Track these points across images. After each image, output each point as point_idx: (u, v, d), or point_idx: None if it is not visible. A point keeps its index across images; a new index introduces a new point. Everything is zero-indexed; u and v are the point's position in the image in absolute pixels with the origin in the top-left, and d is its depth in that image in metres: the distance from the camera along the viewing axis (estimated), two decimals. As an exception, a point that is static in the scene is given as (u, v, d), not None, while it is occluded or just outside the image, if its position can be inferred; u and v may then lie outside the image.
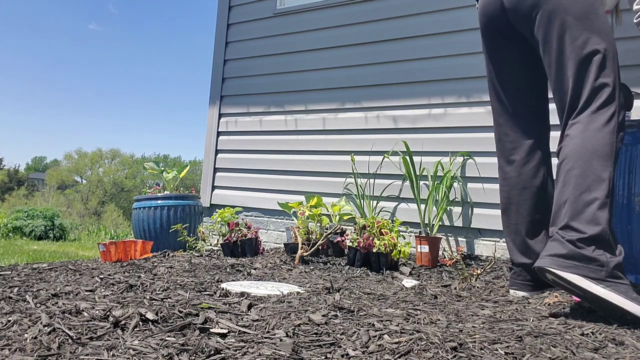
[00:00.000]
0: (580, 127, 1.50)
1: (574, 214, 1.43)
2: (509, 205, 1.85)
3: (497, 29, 1.81)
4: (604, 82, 1.50)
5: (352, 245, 2.39)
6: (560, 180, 1.52)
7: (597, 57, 1.51)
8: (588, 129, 1.48)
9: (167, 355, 0.94)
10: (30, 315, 1.19)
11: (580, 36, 1.53)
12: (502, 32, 1.80)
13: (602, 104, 1.49)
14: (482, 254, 2.90)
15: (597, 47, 1.51)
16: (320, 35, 3.63)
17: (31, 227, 9.38)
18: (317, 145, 3.56)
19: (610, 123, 1.47)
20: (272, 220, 3.69)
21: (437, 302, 1.58)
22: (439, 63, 3.14)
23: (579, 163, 1.47)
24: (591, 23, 1.54)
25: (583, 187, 1.44)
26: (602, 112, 1.48)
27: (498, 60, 1.86)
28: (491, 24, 1.82)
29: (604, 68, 1.50)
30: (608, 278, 1.34)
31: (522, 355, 1.00)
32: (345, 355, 0.98)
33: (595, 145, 1.46)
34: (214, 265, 2.20)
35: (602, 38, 1.52)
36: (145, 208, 3.29)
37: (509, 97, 1.85)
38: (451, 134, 3.06)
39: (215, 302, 1.37)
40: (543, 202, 1.78)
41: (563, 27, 1.56)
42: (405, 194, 3.15)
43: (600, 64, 1.50)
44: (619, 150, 1.49)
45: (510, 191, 1.84)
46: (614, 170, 1.46)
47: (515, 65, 1.83)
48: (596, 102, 1.50)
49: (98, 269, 2.03)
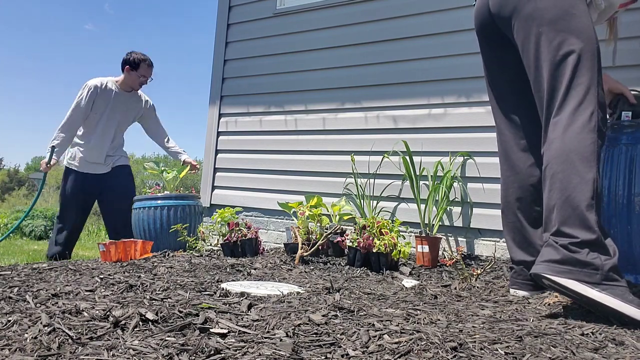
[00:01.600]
0: (560, 129, 1.50)
1: (564, 219, 1.42)
2: (507, 203, 1.86)
3: (488, 33, 1.84)
4: (580, 81, 1.49)
5: (352, 245, 2.39)
6: (546, 185, 1.51)
7: (572, 57, 1.51)
8: (568, 131, 1.48)
9: (167, 355, 0.94)
10: (30, 315, 1.19)
11: (556, 38, 1.54)
12: (492, 36, 1.82)
13: (579, 103, 1.48)
14: (482, 254, 2.90)
15: (572, 48, 1.51)
16: (320, 35, 3.63)
17: (31, 227, 9.38)
18: (317, 145, 3.56)
19: (590, 122, 1.46)
20: (272, 220, 3.69)
21: (437, 302, 1.58)
22: (439, 63, 3.14)
23: (562, 167, 1.46)
24: (567, 24, 1.54)
25: (569, 191, 1.43)
26: (580, 112, 1.47)
27: (492, 63, 1.89)
28: (483, 29, 1.85)
29: (579, 68, 1.50)
30: (603, 281, 1.33)
31: (522, 355, 1.00)
32: (345, 355, 0.98)
33: (576, 147, 1.45)
34: (214, 265, 2.20)
35: (578, 38, 1.52)
36: (145, 208, 3.29)
37: (505, 99, 1.87)
38: (451, 134, 3.06)
39: (215, 302, 1.37)
40: (541, 200, 1.78)
41: (539, 30, 1.57)
42: (405, 194, 3.15)
43: (575, 64, 1.50)
44: (600, 149, 1.47)
45: (508, 190, 1.85)
46: (598, 170, 1.45)
47: (509, 68, 1.84)
48: (573, 102, 1.49)
49: (98, 269, 2.03)
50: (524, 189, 1.81)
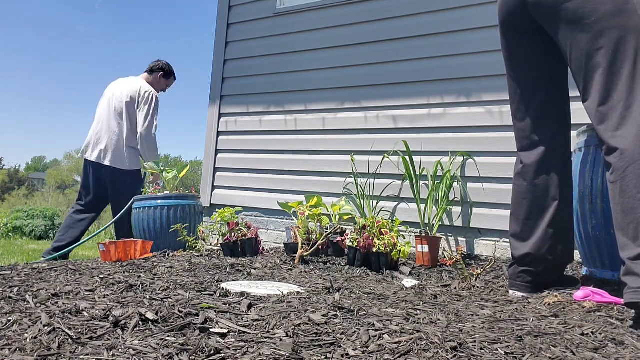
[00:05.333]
0: (634, 127, 1.40)
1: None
2: (520, 198, 1.83)
3: (517, 23, 1.76)
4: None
5: (352, 245, 2.39)
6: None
7: (630, 49, 1.45)
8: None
9: (167, 355, 0.94)
10: (30, 315, 1.19)
11: (613, 32, 1.49)
12: (522, 25, 1.75)
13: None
14: (482, 253, 2.90)
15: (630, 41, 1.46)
16: (320, 35, 3.63)
17: (31, 227, 9.38)
18: (317, 145, 3.56)
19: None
20: (272, 220, 3.69)
21: (437, 302, 1.58)
22: (439, 63, 3.14)
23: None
24: (624, 19, 1.48)
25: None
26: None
27: (515, 55, 1.82)
28: (510, 18, 1.77)
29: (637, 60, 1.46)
30: None
31: (522, 355, 1.00)
32: (345, 355, 0.98)
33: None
34: (214, 265, 2.20)
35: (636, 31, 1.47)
36: (145, 208, 3.29)
37: (526, 94, 1.81)
38: (451, 134, 3.06)
39: (215, 302, 1.37)
40: (547, 198, 1.77)
41: (598, 25, 1.51)
42: (405, 193, 3.15)
43: (635, 57, 1.45)
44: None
45: (522, 183, 1.82)
46: None
47: (533, 62, 1.79)
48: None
49: (98, 269, 2.03)
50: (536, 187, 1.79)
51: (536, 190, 1.78)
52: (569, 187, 1.81)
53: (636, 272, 1.31)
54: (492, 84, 2.94)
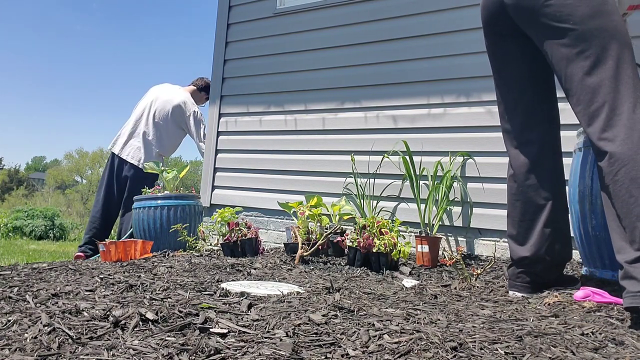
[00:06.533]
0: (622, 130, 1.40)
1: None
2: (513, 200, 1.83)
3: (497, 25, 1.77)
4: (626, 78, 1.44)
5: (352, 245, 2.39)
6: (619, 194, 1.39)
7: (612, 55, 1.46)
8: (635, 131, 1.38)
9: (167, 355, 0.94)
10: (30, 315, 1.19)
11: (593, 36, 1.49)
12: (502, 28, 1.76)
13: (635, 102, 1.42)
14: (482, 253, 2.90)
15: (610, 46, 1.46)
16: (320, 35, 3.63)
17: (31, 226, 9.38)
18: (317, 145, 3.56)
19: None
20: (272, 220, 3.69)
21: (437, 302, 1.58)
22: (439, 63, 3.14)
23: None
24: (602, 21, 1.49)
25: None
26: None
27: (500, 57, 1.83)
28: (491, 19, 1.78)
29: (621, 66, 1.46)
30: None
31: (522, 355, 1.00)
32: (345, 355, 0.98)
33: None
34: (214, 265, 2.20)
35: (615, 35, 1.47)
36: (145, 208, 3.29)
37: (512, 95, 1.82)
38: (451, 134, 3.06)
39: (215, 302, 1.37)
40: (540, 198, 1.77)
41: (573, 27, 1.52)
42: (405, 193, 3.15)
43: (617, 63, 1.46)
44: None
45: (513, 185, 1.82)
46: None
47: (520, 63, 1.79)
48: (627, 102, 1.42)
49: (98, 269, 2.03)
50: (530, 187, 1.78)
51: (528, 191, 1.78)
52: (562, 185, 1.80)
53: (634, 276, 1.31)
54: (492, 84, 2.87)
